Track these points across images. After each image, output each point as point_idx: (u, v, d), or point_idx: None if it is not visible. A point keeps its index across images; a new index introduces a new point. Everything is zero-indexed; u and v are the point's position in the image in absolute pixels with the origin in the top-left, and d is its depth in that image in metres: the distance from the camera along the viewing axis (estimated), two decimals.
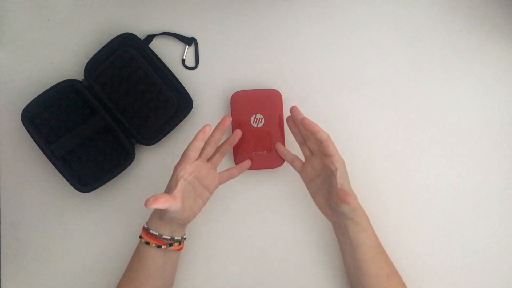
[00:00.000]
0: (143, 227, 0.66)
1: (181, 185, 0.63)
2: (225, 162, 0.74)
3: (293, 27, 0.75)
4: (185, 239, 0.67)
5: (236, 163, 0.72)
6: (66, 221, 0.75)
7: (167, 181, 0.74)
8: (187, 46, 0.76)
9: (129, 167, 0.73)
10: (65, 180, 0.71)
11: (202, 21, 0.76)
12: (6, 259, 0.75)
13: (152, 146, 0.74)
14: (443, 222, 0.72)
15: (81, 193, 0.71)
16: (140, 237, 0.66)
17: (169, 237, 0.65)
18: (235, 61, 0.75)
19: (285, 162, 0.71)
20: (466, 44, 0.74)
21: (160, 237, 0.64)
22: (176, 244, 0.65)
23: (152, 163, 0.75)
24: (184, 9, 0.76)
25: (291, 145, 0.72)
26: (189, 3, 0.76)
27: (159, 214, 0.64)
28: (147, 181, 0.75)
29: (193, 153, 0.65)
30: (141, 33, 0.75)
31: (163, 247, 0.64)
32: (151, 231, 0.64)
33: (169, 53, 0.75)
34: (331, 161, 0.63)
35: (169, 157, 0.75)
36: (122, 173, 0.72)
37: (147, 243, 0.64)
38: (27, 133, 0.71)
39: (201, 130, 0.65)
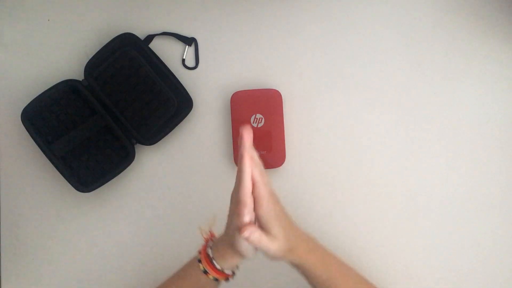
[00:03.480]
0: (206, 253, 0.58)
1: None
2: (225, 162, 0.74)
3: (293, 27, 0.75)
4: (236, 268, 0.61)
5: (236, 163, 0.72)
6: (66, 221, 0.75)
7: (167, 181, 0.74)
8: (187, 46, 0.76)
9: (129, 167, 0.73)
10: (65, 180, 0.71)
11: (202, 21, 0.76)
12: (6, 259, 0.75)
13: (152, 146, 0.74)
14: (443, 222, 0.72)
15: (81, 193, 0.71)
16: (199, 260, 0.58)
17: (231, 272, 0.58)
18: (235, 61, 0.75)
19: (285, 162, 0.71)
20: (466, 44, 0.74)
21: (222, 271, 0.57)
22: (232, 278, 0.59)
23: (152, 163, 0.75)
24: (184, 9, 0.76)
25: (292, 145, 0.72)
26: (189, 3, 0.76)
27: (232, 247, 0.55)
28: (147, 181, 0.75)
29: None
30: (141, 33, 0.75)
31: (220, 280, 0.57)
32: (214, 262, 0.56)
33: (169, 53, 0.75)
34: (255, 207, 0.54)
35: (169, 157, 0.75)
36: (122, 173, 0.72)
37: (205, 272, 0.57)
38: (27, 133, 0.71)
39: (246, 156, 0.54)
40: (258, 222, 0.55)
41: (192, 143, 0.75)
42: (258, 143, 0.71)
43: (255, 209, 0.54)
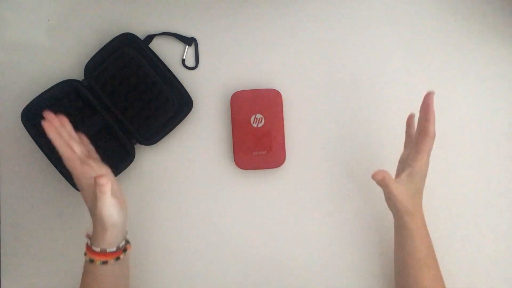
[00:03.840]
0: (86, 244, 0.62)
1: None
2: (225, 162, 0.74)
3: (293, 27, 0.75)
4: (128, 241, 0.64)
5: (236, 163, 0.72)
6: (66, 221, 0.75)
7: (167, 181, 0.74)
8: (187, 46, 0.76)
9: (129, 167, 0.73)
10: (65, 180, 0.71)
11: (202, 21, 0.76)
12: (6, 259, 0.75)
13: (152, 146, 0.74)
14: (443, 222, 0.72)
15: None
16: (86, 254, 0.61)
17: (115, 249, 0.61)
18: (235, 61, 0.75)
19: (285, 162, 0.71)
20: (466, 44, 0.74)
21: (104, 252, 0.60)
22: (123, 254, 0.62)
23: (152, 163, 0.75)
24: (184, 9, 0.76)
25: (292, 145, 0.72)
26: (189, 3, 0.76)
27: (101, 225, 0.60)
28: (147, 181, 0.75)
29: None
30: (141, 33, 0.75)
31: (109, 261, 0.60)
32: (93, 247, 0.60)
33: (169, 53, 0.75)
34: (416, 157, 0.61)
35: (169, 157, 0.75)
36: (122, 173, 0.72)
37: (92, 260, 0.60)
38: (27, 133, 0.71)
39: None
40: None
41: (192, 143, 0.75)
42: (258, 143, 0.71)
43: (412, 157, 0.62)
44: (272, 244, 0.73)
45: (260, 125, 0.72)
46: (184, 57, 0.76)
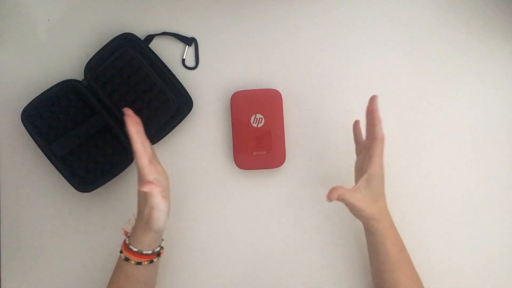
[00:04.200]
0: (124, 243, 0.63)
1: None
2: (225, 162, 0.74)
3: (293, 26, 0.75)
4: (162, 246, 0.66)
5: (236, 163, 0.72)
6: (66, 221, 0.75)
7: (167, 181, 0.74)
8: (187, 46, 0.76)
9: (129, 167, 0.73)
10: (65, 180, 0.71)
11: (202, 21, 0.76)
12: (6, 259, 0.75)
13: (152, 146, 0.74)
14: (444, 222, 0.72)
15: (81, 193, 0.71)
16: (121, 252, 0.63)
17: (151, 252, 0.63)
18: (235, 61, 0.75)
19: (285, 162, 0.71)
20: (466, 44, 0.74)
21: (141, 253, 0.62)
22: (157, 258, 0.64)
23: None
24: (184, 9, 0.76)
25: (292, 145, 0.72)
26: (189, 3, 0.76)
27: (146, 227, 0.62)
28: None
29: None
30: (141, 33, 0.75)
31: (143, 263, 0.62)
32: (130, 246, 0.62)
33: (169, 53, 0.75)
34: (369, 162, 0.61)
35: (169, 157, 0.75)
36: (122, 173, 0.72)
37: (127, 259, 0.62)
38: (27, 133, 0.71)
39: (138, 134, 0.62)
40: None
41: (192, 143, 0.75)
42: (258, 143, 0.71)
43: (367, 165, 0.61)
44: (272, 244, 0.73)
45: (260, 125, 0.72)
46: (184, 57, 0.76)
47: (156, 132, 0.73)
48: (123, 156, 0.73)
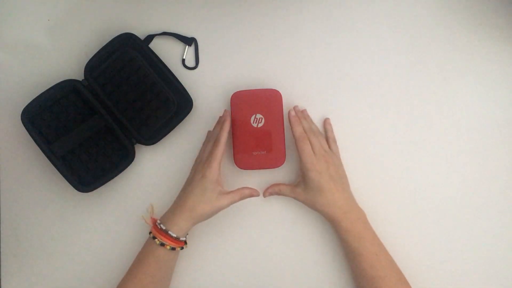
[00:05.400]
0: (158, 228, 0.66)
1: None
2: (225, 162, 0.74)
3: (293, 27, 0.75)
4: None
5: (236, 163, 0.72)
6: (66, 221, 0.75)
7: (167, 181, 0.74)
8: (187, 46, 0.76)
9: (129, 167, 0.73)
10: (65, 180, 0.71)
11: (202, 21, 0.76)
12: (6, 259, 0.75)
13: (152, 146, 0.74)
14: (443, 222, 0.72)
15: (81, 193, 0.71)
16: (154, 238, 0.66)
17: (184, 239, 0.67)
18: (235, 61, 0.75)
19: (285, 162, 0.71)
20: (466, 43, 0.74)
21: (178, 239, 0.65)
22: (185, 245, 0.68)
23: (152, 163, 0.75)
24: (184, 9, 0.76)
25: (292, 145, 0.72)
26: (189, 3, 0.76)
27: (192, 214, 0.65)
28: (147, 181, 0.75)
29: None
30: (141, 33, 0.75)
31: (177, 248, 0.66)
32: (170, 232, 0.65)
33: (169, 53, 0.75)
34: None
35: (169, 157, 0.75)
36: (122, 173, 0.72)
37: (162, 244, 0.65)
38: (27, 133, 0.71)
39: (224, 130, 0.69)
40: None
41: (192, 143, 0.75)
42: (258, 143, 0.71)
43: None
44: (271, 245, 0.73)
45: (260, 125, 0.72)
46: (184, 57, 0.76)
47: (156, 132, 0.73)
48: (123, 156, 0.73)
